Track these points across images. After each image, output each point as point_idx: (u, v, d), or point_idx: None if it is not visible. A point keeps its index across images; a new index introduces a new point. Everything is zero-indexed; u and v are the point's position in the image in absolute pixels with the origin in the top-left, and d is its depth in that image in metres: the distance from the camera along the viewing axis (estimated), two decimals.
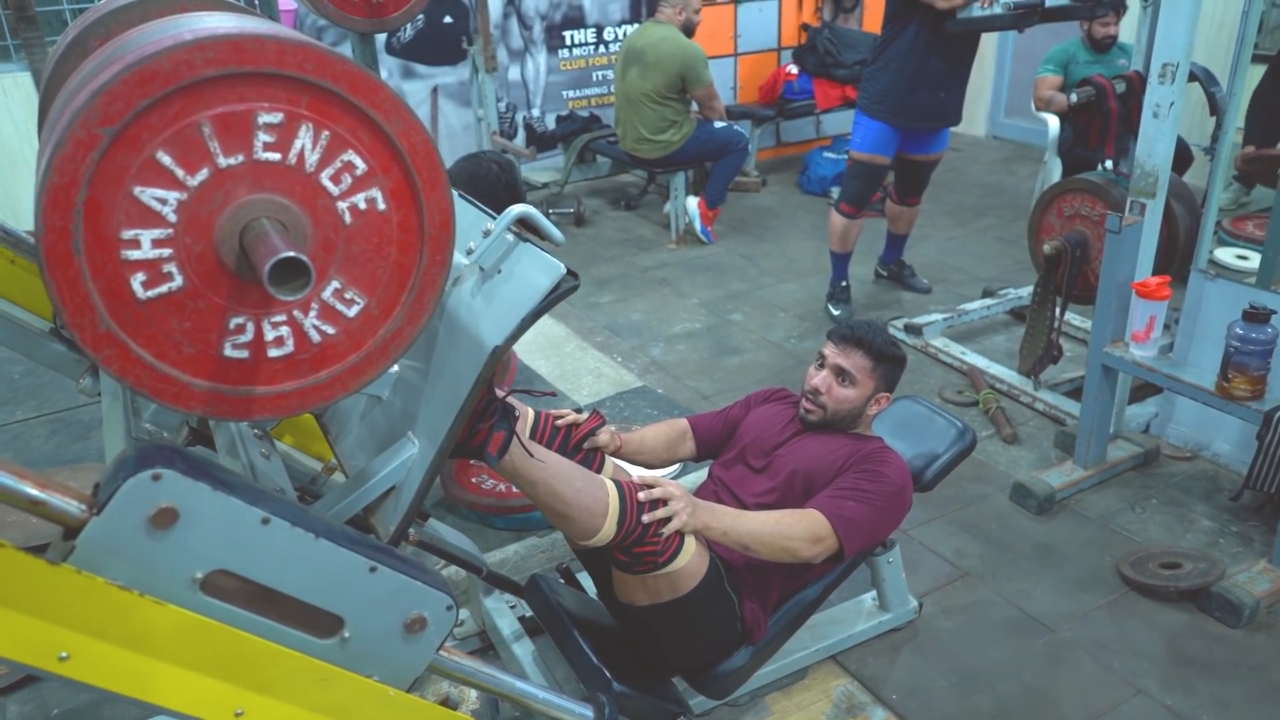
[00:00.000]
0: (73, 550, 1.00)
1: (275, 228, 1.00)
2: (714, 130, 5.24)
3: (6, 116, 4.99)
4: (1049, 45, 4.79)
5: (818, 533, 1.82)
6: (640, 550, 1.68)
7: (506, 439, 1.54)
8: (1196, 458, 3.14)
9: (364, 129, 1.05)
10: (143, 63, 0.93)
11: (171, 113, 0.95)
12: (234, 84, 0.97)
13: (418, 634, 1.25)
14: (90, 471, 3.12)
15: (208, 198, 1.00)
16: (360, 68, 1.03)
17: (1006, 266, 4.85)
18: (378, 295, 1.13)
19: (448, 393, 1.32)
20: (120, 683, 1.00)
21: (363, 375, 1.16)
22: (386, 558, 1.22)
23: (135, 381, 1.03)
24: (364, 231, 1.09)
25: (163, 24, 1.08)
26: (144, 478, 1.01)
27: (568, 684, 2.12)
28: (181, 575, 1.06)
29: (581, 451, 1.97)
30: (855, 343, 2.06)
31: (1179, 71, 2.59)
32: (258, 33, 0.97)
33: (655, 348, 4.09)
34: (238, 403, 1.09)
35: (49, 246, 0.94)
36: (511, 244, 1.34)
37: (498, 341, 1.25)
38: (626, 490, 1.68)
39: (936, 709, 2.20)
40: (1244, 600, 2.40)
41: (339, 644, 1.19)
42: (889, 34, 3.82)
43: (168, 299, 1.01)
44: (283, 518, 1.11)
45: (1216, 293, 2.88)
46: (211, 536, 1.07)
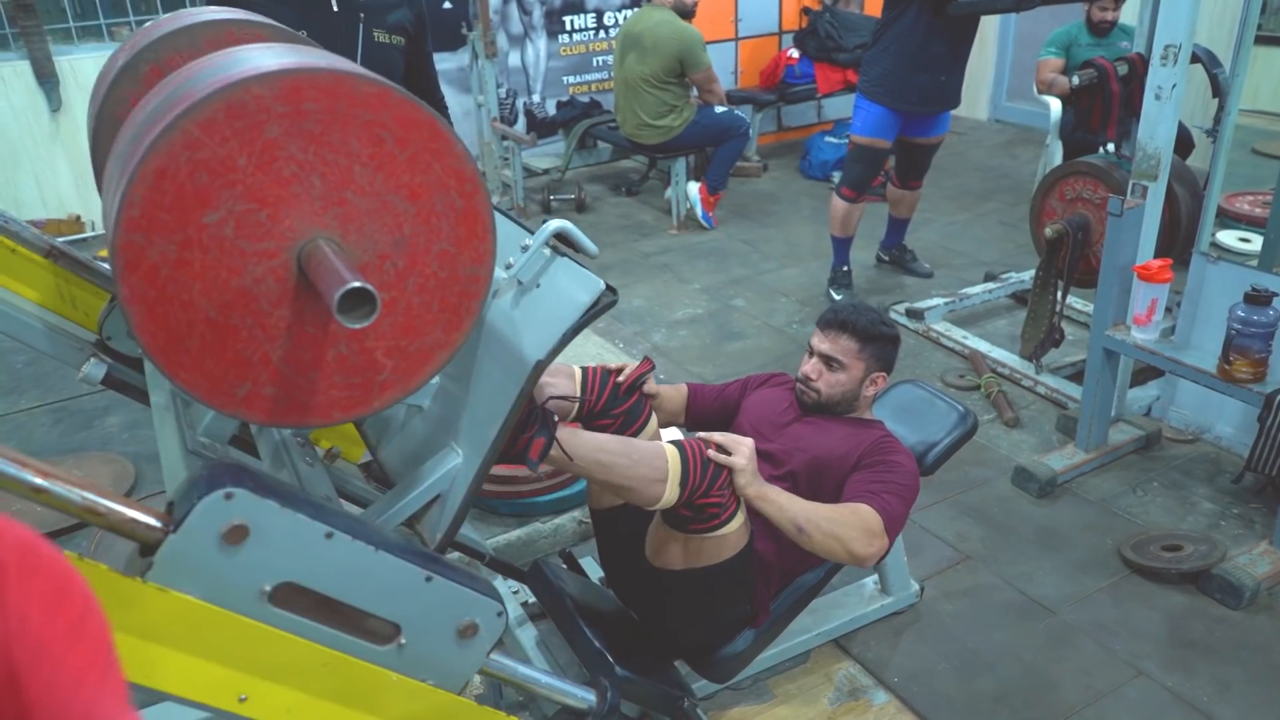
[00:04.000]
0: (150, 566, 1.03)
1: (333, 249, 1.04)
2: (715, 115, 5.22)
3: (5, 105, 4.98)
4: (1051, 28, 4.76)
5: (873, 529, 1.78)
6: (704, 502, 1.69)
7: (547, 444, 1.59)
8: (1198, 440, 3.14)
9: (424, 160, 1.11)
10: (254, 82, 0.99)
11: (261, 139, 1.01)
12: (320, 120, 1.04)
13: (470, 639, 1.30)
14: (95, 460, 3.14)
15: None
16: (419, 105, 1.08)
17: (1008, 250, 4.84)
18: (424, 310, 1.18)
19: (489, 404, 1.37)
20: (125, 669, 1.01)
21: (406, 385, 1.21)
22: (441, 567, 1.27)
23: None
24: (412, 250, 1.14)
25: (233, 56, 1.12)
26: (217, 496, 1.04)
27: (571, 668, 2.13)
28: (251, 588, 1.10)
29: (632, 396, 1.97)
30: (839, 327, 2.05)
31: (1181, 53, 2.58)
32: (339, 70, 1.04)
33: (657, 333, 4.10)
34: (295, 410, 1.15)
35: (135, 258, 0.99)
36: (549, 258, 1.38)
37: (540, 356, 1.30)
38: (689, 450, 1.68)
39: (938, 692, 2.21)
40: (1245, 582, 2.40)
41: (396, 650, 1.23)
42: (889, 17, 3.81)
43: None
44: (344, 531, 1.15)
45: (1218, 275, 2.88)
46: (279, 551, 1.11)
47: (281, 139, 1.01)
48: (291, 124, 1.01)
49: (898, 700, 2.18)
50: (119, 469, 3.09)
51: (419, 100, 1.08)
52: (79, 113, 5.14)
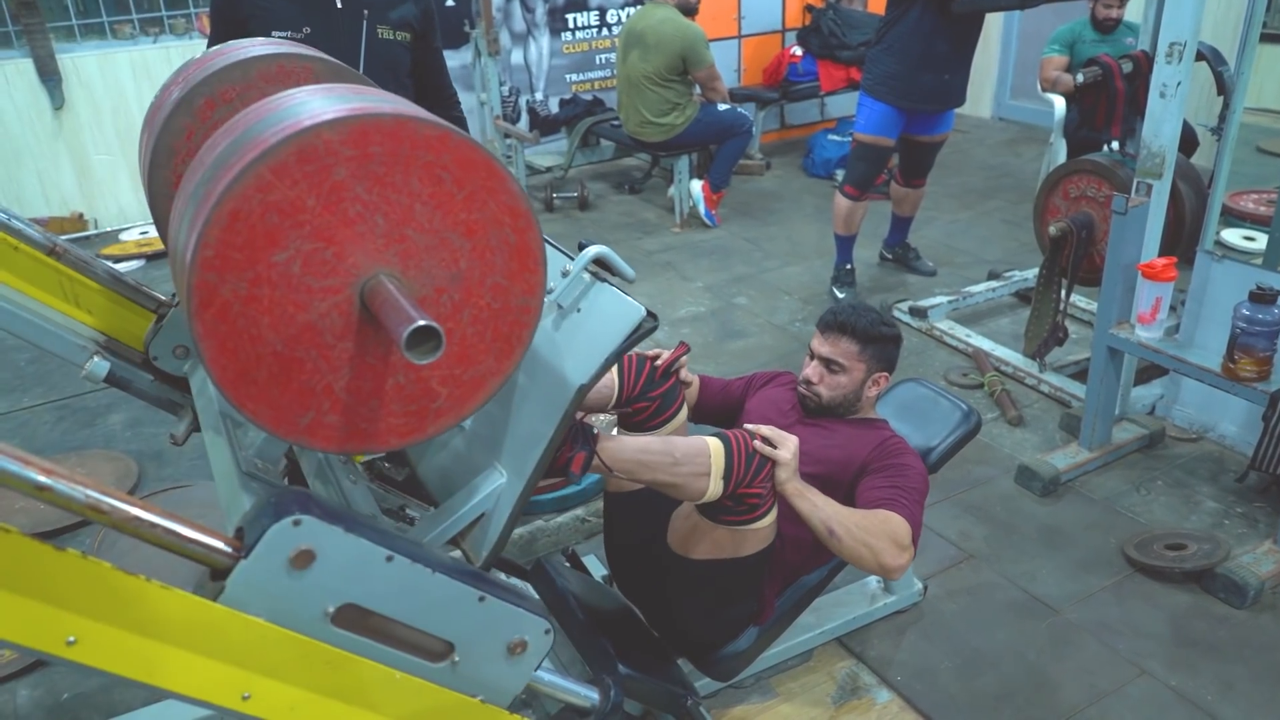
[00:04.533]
0: (223, 590, 1.07)
1: (395, 284, 1.08)
2: (718, 113, 5.21)
3: (8, 103, 4.98)
4: (1055, 26, 4.76)
5: (902, 540, 1.76)
6: (746, 492, 1.70)
7: (588, 459, 1.62)
8: (1202, 439, 3.13)
9: (480, 198, 1.15)
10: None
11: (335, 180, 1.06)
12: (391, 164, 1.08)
13: (520, 655, 1.35)
14: (97, 458, 3.14)
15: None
16: (477, 145, 1.12)
17: (1012, 249, 4.83)
18: (478, 339, 1.23)
19: (532, 425, 1.42)
20: (128, 667, 1.01)
21: (460, 411, 1.25)
22: (493, 588, 1.31)
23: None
24: (468, 284, 1.18)
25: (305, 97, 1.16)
26: (285, 523, 1.09)
27: (573, 667, 2.13)
28: (316, 610, 1.14)
29: (667, 382, 1.97)
30: (839, 329, 2.05)
31: (1186, 51, 2.57)
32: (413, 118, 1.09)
33: (660, 331, 4.09)
34: (356, 437, 1.20)
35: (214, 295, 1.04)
36: (589, 283, 1.44)
37: (583, 380, 1.35)
38: (733, 441, 1.69)
39: (941, 690, 2.20)
40: (1249, 581, 2.40)
41: (450, 667, 1.27)
42: (893, 15, 3.80)
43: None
44: (403, 555, 1.19)
45: (1223, 274, 2.87)
46: (343, 574, 1.15)
47: (348, 181, 1.06)
48: (358, 166, 1.06)
49: (900, 699, 2.18)
50: (122, 467, 3.09)
51: (477, 142, 1.12)
52: (81, 110, 5.15)
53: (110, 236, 5.27)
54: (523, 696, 2.08)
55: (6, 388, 3.65)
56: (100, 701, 2.18)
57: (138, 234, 5.23)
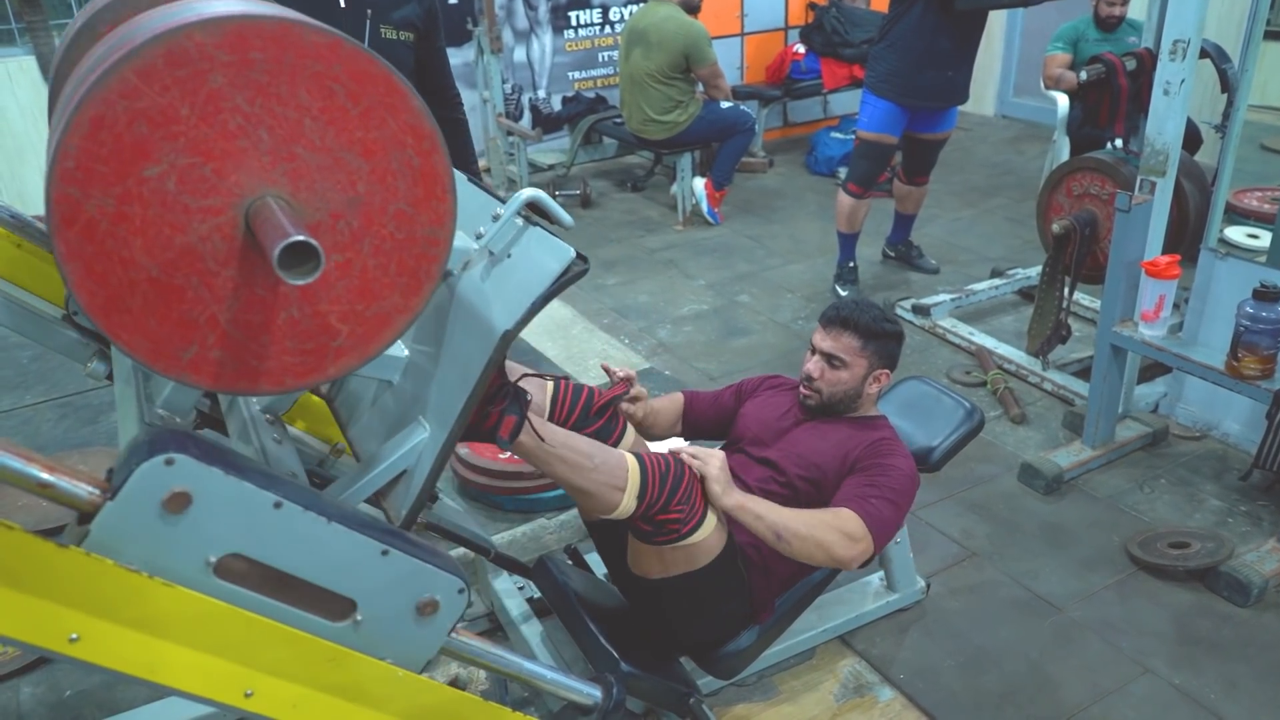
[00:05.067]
0: (87, 534, 1.00)
1: (282, 206, 1.00)
2: (720, 111, 5.21)
3: (11, 100, 4.98)
4: (1058, 23, 4.75)
5: (854, 533, 1.79)
6: (664, 518, 1.68)
7: (518, 423, 1.55)
8: (1205, 437, 3.13)
9: (379, 115, 1.06)
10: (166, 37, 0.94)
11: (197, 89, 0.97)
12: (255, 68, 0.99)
13: (430, 617, 1.26)
14: (100, 455, 3.14)
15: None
16: (373, 57, 1.04)
17: (1015, 246, 4.83)
18: (381, 273, 1.13)
19: (458, 377, 1.32)
20: (130, 664, 1.01)
21: (364, 351, 1.16)
22: (398, 541, 1.23)
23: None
24: (367, 210, 1.09)
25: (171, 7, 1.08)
26: (157, 462, 1.02)
27: (576, 664, 2.13)
28: (195, 559, 1.07)
29: (600, 421, 1.96)
30: (841, 324, 2.05)
31: (1190, 48, 2.56)
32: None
33: (662, 329, 4.09)
34: (246, 375, 1.10)
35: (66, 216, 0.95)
36: (521, 228, 1.34)
37: (508, 326, 1.25)
38: (648, 462, 1.68)
39: (944, 688, 2.20)
40: (1252, 579, 2.39)
41: (351, 627, 1.20)
42: (896, 13, 3.79)
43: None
44: (295, 502, 1.11)
45: (1226, 271, 2.86)
46: (224, 520, 1.07)
47: (226, 89, 0.97)
48: (237, 74, 0.97)
49: (903, 697, 2.17)
50: None
51: (372, 52, 1.04)
52: None
53: None
54: (525, 694, 2.09)
55: (9, 385, 3.65)
56: (103, 699, 2.18)
57: None
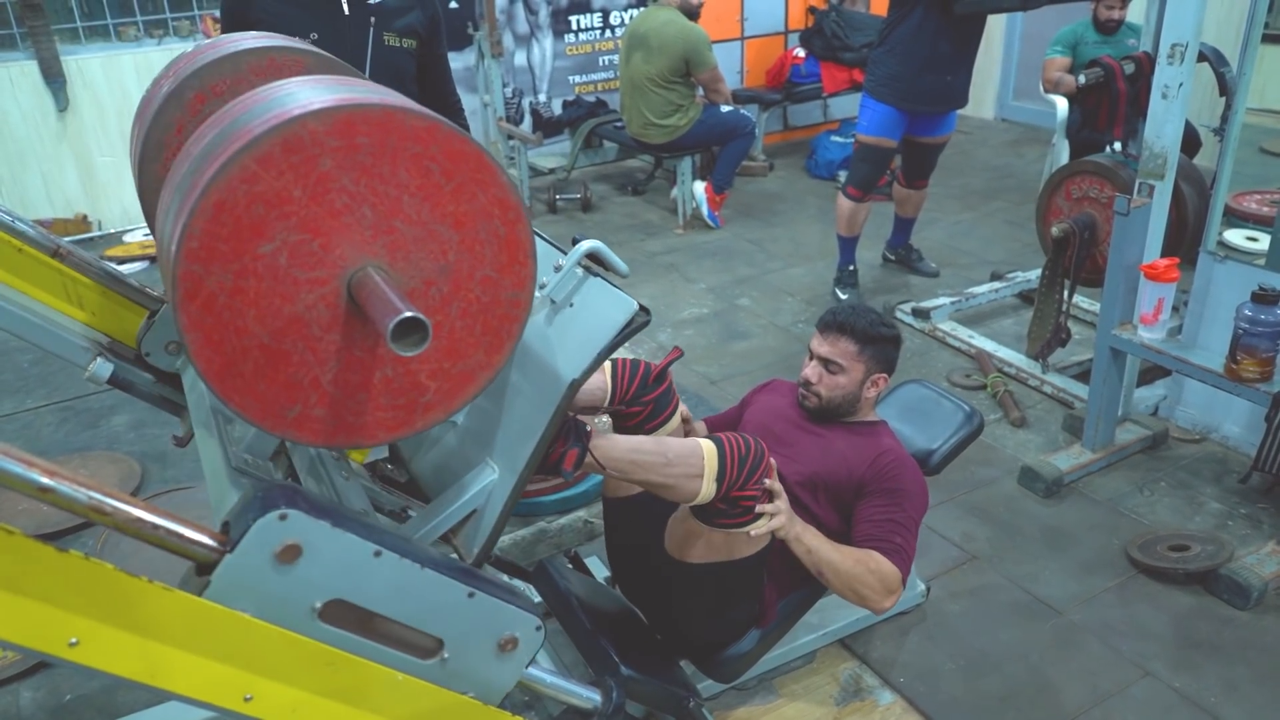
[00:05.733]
0: (208, 585, 1.06)
1: (382, 276, 1.07)
2: (720, 114, 5.22)
3: (13, 105, 4.99)
4: (1057, 27, 4.75)
5: (890, 584, 1.85)
6: (740, 494, 1.70)
7: (580, 455, 1.61)
8: (1205, 440, 3.13)
9: (469, 190, 1.14)
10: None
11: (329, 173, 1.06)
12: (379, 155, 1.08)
13: (510, 653, 1.34)
14: (100, 459, 3.14)
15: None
16: (466, 137, 1.12)
17: (1014, 249, 4.83)
18: (467, 333, 1.22)
19: (524, 421, 1.41)
20: (130, 668, 1.01)
21: (449, 405, 1.24)
22: (483, 584, 1.30)
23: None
24: (457, 276, 1.17)
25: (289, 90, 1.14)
26: (272, 518, 1.08)
27: (576, 668, 2.13)
28: (303, 605, 1.13)
29: (660, 386, 1.96)
30: (838, 329, 2.05)
31: (1188, 52, 2.57)
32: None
33: (663, 333, 4.09)
34: (344, 431, 1.19)
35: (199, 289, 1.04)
36: (582, 278, 1.43)
37: (575, 376, 1.34)
38: (726, 444, 1.69)
39: (944, 691, 2.20)
40: (1252, 582, 2.39)
41: (439, 664, 1.27)
42: (895, 17, 3.80)
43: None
44: (392, 550, 1.18)
45: (1225, 274, 2.87)
46: (330, 569, 1.14)
47: (334, 172, 1.05)
48: (344, 157, 1.05)
49: (904, 700, 2.17)
50: (125, 468, 3.09)
51: (466, 133, 1.12)
52: (86, 112, 5.15)
53: (114, 238, 5.28)
54: (525, 698, 2.08)
55: (10, 389, 3.65)
56: (103, 703, 2.18)
57: (141, 235, 5.24)
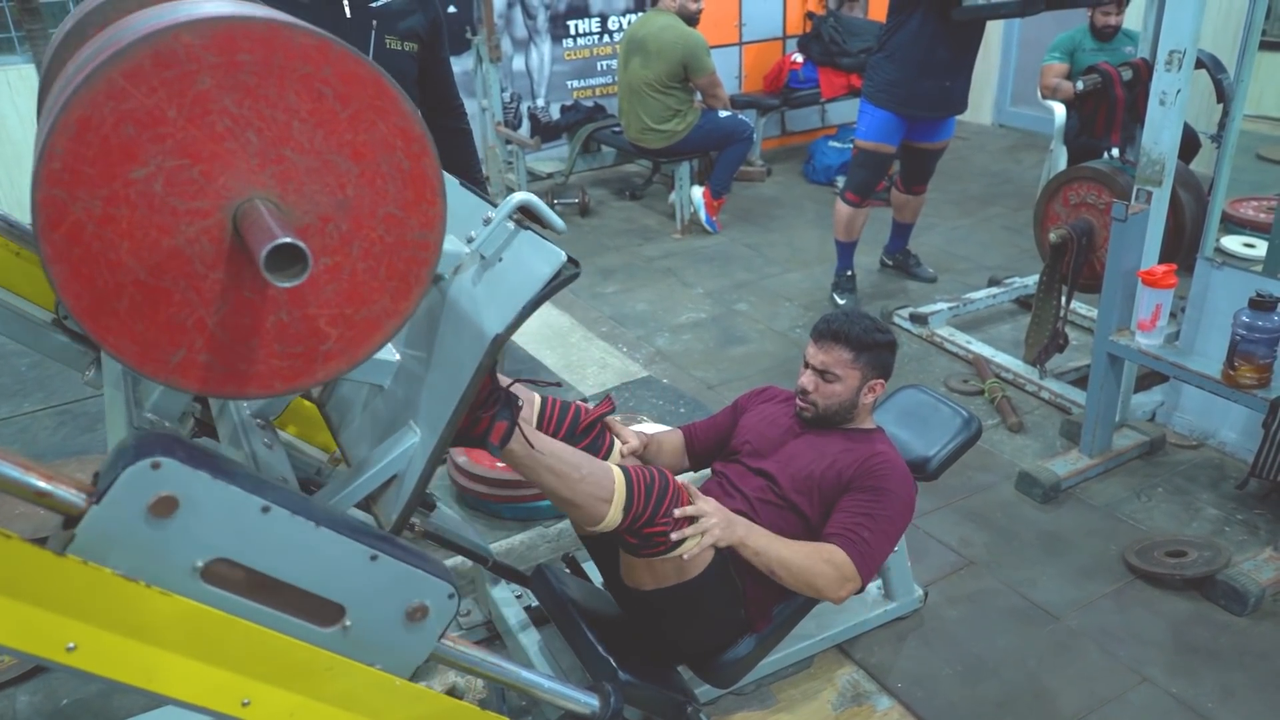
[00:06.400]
0: (73, 539, 1.00)
1: (270, 209, 1.00)
2: (718, 119, 5.22)
3: (11, 109, 4.99)
4: (1055, 33, 4.76)
5: (844, 574, 1.85)
6: (650, 531, 1.68)
7: (509, 429, 1.53)
8: (1202, 446, 3.13)
9: (368, 118, 1.06)
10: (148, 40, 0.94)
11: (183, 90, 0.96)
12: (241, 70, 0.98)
13: (420, 622, 1.26)
14: (98, 463, 3.13)
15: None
16: (362, 59, 1.04)
17: (1012, 255, 4.83)
18: (370, 276, 1.13)
19: (449, 381, 1.31)
20: (127, 673, 1.01)
21: (352, 355, 1.16)
22: (387, 546, 1.22)
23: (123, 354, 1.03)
24: (357, 213, 1.09)
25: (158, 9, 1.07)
26: (143, 466, 1.01)
27: (574, 673, 2.13)
28: (182, 564, 1.06)
29: (587, 437, 1.96)
30: (832, 337, 2.05)
31: (1186, 59, 2.57)
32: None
33: (660, 338, 4.09)
34: (234, 379, 1.09)
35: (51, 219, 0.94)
36: (513, 232, 1.34)
37: (499, 330, 1.24)
38: (634, 475, 1.68)
39: (942, 697, 2.20)
40: (1249, 588, 2.40)
41: (340, 632, 1.20)
42: (894, 23, 3.80)
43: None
44: (283, 506, 1.11)
45: (1223, 281, 2.87)
46: (212, 525, 1.07)
47: (214, 91, 0.96)
48: (225, 75, 0.96)
49: (901, 706, 2.17)
50: None
51: (361, 54, 1.04)
52: None
53: None
54: (523, 703, 2.08)
55: (7, 393, 3.65)
56: (99, 707, 2.17)
57: None
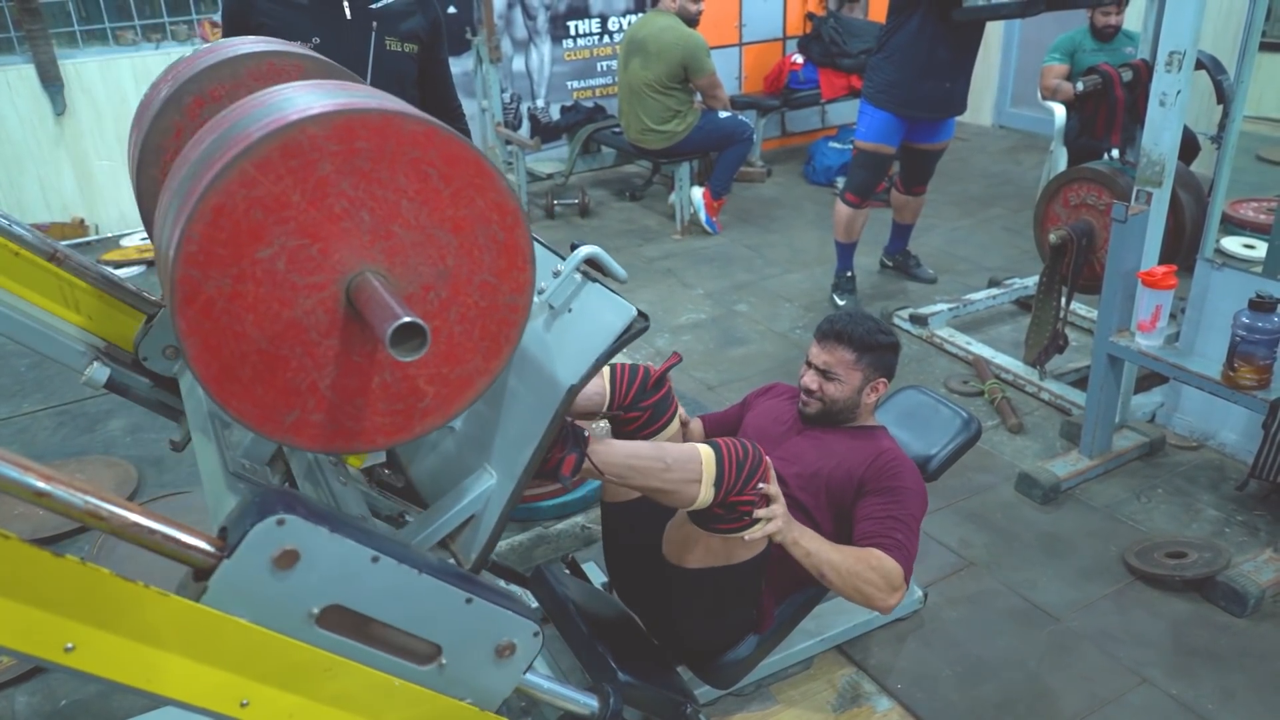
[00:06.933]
0: (205, 590, 1.06)
1: (381, 281, 1.08)
2: (718, 120, 5.22)
3: (10, 109, 4.99)
4: (1055, 34, 4.76)
5: (894, 581, 1.83)
6: (738, 499, 1.69)
7: (578, 461, 1.61)
8: (1202, 447, 3.13)
9: (468, 195, 1.14)
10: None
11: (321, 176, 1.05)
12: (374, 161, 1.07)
13: (508, 659, 1.33)
14: (97, 464, 3.14)
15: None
16: (465, 142, 1.12)
17: (1012, 256, 4.83)
18: (465, 338, 1.22)
19: (522, 425, 1.41)
20: (126, 673, 1.01)
21: (447, 411, 1.24)
22: (481, 590, 1.29)
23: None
24: (455, 281, 1.18)
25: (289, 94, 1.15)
26: (270, 523, 1.08)
27: (574, 674, 2.13)
28: (300, 611, 1.13)
29: (659, 391, 1.97)
30: (835, 337, 2.05)
31: (1186, 60, 2.57)
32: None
33: (661, 338, 4.09)
34: (342, 436, 1.18)
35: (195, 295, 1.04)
36: (580, 284, 1.43)
37: (573, 381, 1.34)
38: (724, 448, 1.69)
39: (941, 698, 2.20)
40: (1249, 589, 2.39)
41: (437, 670, 1.26)
42: (894, 24, 3.80)
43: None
44: (389, 555, 1.18)
45: (1223, 282, 2.87)
46: (328, 575, 1.14)
47: (333, 176, 1.05)
48: (343, 162, 1.05)
49: (901, 707, 2.17)
50: (121, 473, 3.09)
51: (465, 138, 1.12)
52: (83, 116, 5.15)
53: (111, 242, 5.28)
54: (522, 704, 2.08)
55: (6, 393, 3.65)
56: (98, 708, 2.17)
57: (139, 239, 5.23)
